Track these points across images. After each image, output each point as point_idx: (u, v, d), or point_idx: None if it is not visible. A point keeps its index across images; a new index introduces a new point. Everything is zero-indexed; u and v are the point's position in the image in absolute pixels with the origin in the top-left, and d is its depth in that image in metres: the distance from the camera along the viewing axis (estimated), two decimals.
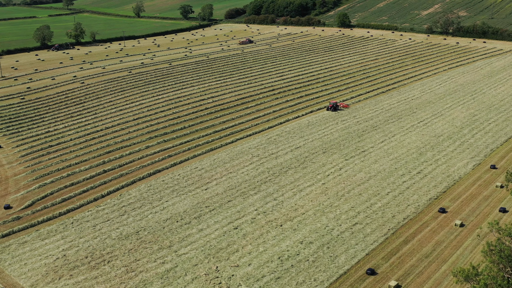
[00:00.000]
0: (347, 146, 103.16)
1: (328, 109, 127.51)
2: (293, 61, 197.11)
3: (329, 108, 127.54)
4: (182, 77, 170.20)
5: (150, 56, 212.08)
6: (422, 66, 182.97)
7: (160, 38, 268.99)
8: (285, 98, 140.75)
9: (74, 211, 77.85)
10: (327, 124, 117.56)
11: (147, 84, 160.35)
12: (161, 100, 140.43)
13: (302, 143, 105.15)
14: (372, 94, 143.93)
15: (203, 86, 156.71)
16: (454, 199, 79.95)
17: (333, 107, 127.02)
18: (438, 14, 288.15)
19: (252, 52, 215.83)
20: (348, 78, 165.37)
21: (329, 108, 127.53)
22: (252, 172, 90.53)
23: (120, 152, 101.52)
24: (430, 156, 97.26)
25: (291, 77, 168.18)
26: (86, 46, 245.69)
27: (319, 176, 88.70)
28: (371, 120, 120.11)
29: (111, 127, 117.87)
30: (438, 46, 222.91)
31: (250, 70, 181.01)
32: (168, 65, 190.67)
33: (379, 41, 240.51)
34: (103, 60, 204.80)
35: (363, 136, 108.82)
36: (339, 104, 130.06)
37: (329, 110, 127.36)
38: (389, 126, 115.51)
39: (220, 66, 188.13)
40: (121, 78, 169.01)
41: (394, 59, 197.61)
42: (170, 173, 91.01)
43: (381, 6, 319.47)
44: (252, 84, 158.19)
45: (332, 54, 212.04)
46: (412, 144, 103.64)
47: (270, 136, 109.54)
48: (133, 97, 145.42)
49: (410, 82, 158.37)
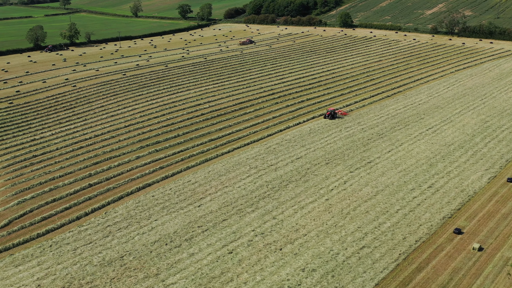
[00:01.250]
0: (352, 156, 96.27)
1: (326, 117, 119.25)
2: (294, 62, 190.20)
3: (326, 116, 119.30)
4: (178, 80, 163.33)
5: (146, 57, 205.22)
6: (428, 68, 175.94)
7: (157, 39, 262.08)
8: (286, 103, 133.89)
9: (54, 232, 71.02)
10: (330, 131, 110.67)
11: (141, 88, 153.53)
12: (155, 105, 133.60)
13: (304, 153, 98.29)
14: (377, 99, 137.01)
15: (200, 89, 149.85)
16: (470, 218, 73.07)
17: (330, 115, 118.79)
18: (442, 14, 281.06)
19: (252, 53, 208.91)
20: (351, 81, 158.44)
21: (326, 115, 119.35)
22: (250, 186, 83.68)
23: (108, 163, 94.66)
24: (441, 168, 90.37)
25: (292, 80, 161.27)
26: (81, 47, 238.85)
27: (322, 191, 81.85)
28: (377, 127, 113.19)
29: (100, 135, 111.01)
30: (444, 47, 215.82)
31: (249, 72, 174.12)
32: (164, 67, 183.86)
33: (383, 41, 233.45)
34: (97, 61, 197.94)
35: (369, 145, 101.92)
36: (338, 112, 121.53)
37: (327, 118, 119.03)
38: (396, 134, 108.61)
39: (218, 68, 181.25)
40: (114, 81, 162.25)
41: (399, 60, 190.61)
42: (161, 187, 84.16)
43: (383, 5, 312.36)
44: (251, 88, 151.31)
45: (334, 55, 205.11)
46: (421, 154, 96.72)
47: (269, 145, 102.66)
48: (126, 101, 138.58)
49: (416, 86, 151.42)
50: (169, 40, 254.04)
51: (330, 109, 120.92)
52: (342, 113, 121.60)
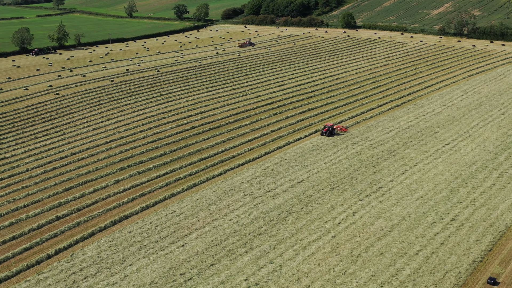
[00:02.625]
0: (361, 179, 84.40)
1: (323, 134, 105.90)
2: (294, 67, 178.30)
3: (324, 133, 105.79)
4: (170, 87, 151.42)
5: (137, 61, 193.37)
6: (438, 73, 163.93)
7: (151, 41, 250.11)
8: (285, 114, 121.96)
9: (7, 282, 59.23)
10: (335, 148, 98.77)
11: (129, 96, 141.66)
12: (142, 116, 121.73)
13: (306, 175, 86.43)
14: (386, 108, 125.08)
15: (192, 98, 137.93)
16: (505, 262, 61.27)
17: (328, 131, 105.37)
18: (449, 14, 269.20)
19: (249, 57, 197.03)
20: (356, 88, 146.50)
21: (323, 132, 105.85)
22: (243, 219, 71.84)
23: (82, 189, 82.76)
24: (464, 195, 78.51)
25: (292, 86, 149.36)
26: (70, 50, 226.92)
27: (327, 225, 70.02)
28: (387, 143, 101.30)
29: (78, 153, 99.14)
30: (453, 50, 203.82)
31: (246, 78, 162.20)
32: (156, 72, 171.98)
33: (388, 43, 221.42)
34: (85, 66, 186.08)
35: (379, 166, 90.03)
36: (336, 127, 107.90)
37: (324, 134, 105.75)
38: (409, 152, 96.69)
39: (213, 73, 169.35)
40: (100, 89, 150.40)
41: (406, 64, 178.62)
42: (140, 220, 72.32)
43: (387, 5, 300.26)
44: (248, 96, 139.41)
45: (337, 58, 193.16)
46: (439, 177, 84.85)
47: (267, 166, 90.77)
48: (111, 112, 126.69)
49: (427, 93, 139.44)
50: (163, 43, 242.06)
51: (328, 124, 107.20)
52: (341, 129, 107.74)
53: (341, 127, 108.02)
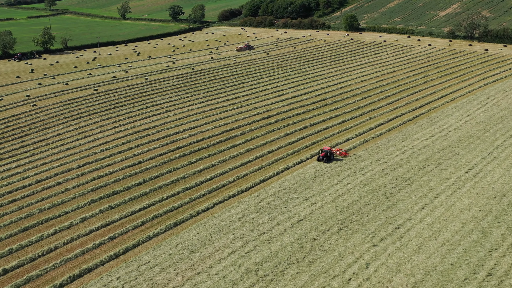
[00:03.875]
0: (373, 216, 71.10)
1: (320, 160, 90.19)
2: (294, 73, 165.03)
3: (320, 158, 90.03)
4: (158, 97, 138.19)
5: (125, 67, 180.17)
6: (451, 82, 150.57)
7: (143, 44, 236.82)
8: (284, 130, 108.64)
9: None
10: (341, 175, 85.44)
11: (112, 108, 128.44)
12: (124, 133, 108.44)
13: (308, 210, 73.12)
14: (396, 123, 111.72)
15: (181, 111, 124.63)
16: None
17: (326, 157, 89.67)
18: (457, 15, 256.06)
19: (246, 62, 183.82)
20: (363, 99, 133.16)
21: (320, 158, 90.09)
22: (232, 274, 58.54)
23: (41, 229, 69.35)
24: (498, 238, 65.22)
25: (292, 97, 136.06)
26: (56, 54, 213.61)
27: (335, 282, 56.69)
28: (401, 168, 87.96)
29: (44, 180, 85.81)
30: (465, 54, 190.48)
31: (242, 87, 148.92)
32: (144, 80, 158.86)
33: (394, 47, 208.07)
34: (69, 73, 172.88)
35: (394, 198, 76.73)
36: (335, 151, 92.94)
37: (321, 160, 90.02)
38: (427, 179, 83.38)
39: (206, 81, 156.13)
40: (82, 99, 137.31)
41: (415, 71, 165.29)
42: (105, 274, 58.98)
43: (392, 6, 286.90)
44: (243, 108, 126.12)
45: (340, 64, 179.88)
46: (466, 214, 71.55)
47: (262, 198, 77.46)
48: (90, 127, 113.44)
49: (441, 105, 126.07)
50: (155, 46, 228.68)
51: (324, 148, 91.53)
52: (341, 153, 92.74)
53: (340, 151, 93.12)
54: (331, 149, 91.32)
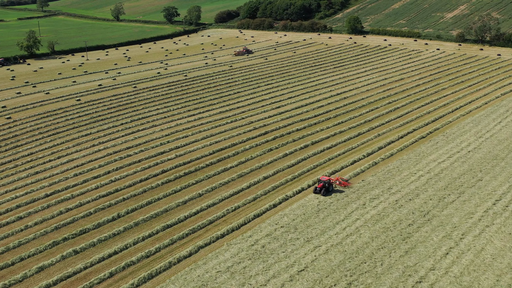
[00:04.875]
0: (388, 265, 59.07)
1: (316, 192, 76.43)
2: (294, 81, 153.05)
3: (317, 190, 76.30)
4: (145, 109, 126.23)
5: (113, 74, 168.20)
6: (465, 91, 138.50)
7: (135, 48, 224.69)
8: (283, 150, 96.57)
9: None
10: (349, 207, 73.43)
11: (93, 122, 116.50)
12: (102, 154, 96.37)
13: (310, 256, 61.06)
14: (408, 141, 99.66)
15: (169, 125, 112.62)
16: None
17: (324, 188, 76.24)
18: (465, 17, 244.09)
19: (243, 69, 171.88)
20: (369, 112, 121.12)
21: (317, 189, 76.31)
22: None
23: None
24: None
25: (292, 109, 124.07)
26: (42, 59, 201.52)
27: None
28: (417, 198, 75.97)
29: (2, 214, 73.78)
30: (476, 60, 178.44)
31: (237, 97, 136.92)
32: (132, 88, 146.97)
33: (401, 52, 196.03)
34: (52, 80, 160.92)
35: (412, 239, 64.72)
36: (335, 180, 79.26)
37: (318, 193, 76.38)
38: (448, 213, 71.40)
39: (198, 90, 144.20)
40: (62, 111, 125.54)
41: (425, 79, 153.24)
42: None
43: (396, 7, 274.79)
44: (238, 122, 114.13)
45: (344, 71, 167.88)
46: (500, 262, 59.53)
47: (256, 239, 65.40)
48: (66, 145, 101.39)
49: (456, 119, 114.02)
50: (148, 51, 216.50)
51: (322, 178, 77.04)
52: (341, 183, 79.39)
53: (340, 180, 79.80)
54: (330, 179, 77.76)
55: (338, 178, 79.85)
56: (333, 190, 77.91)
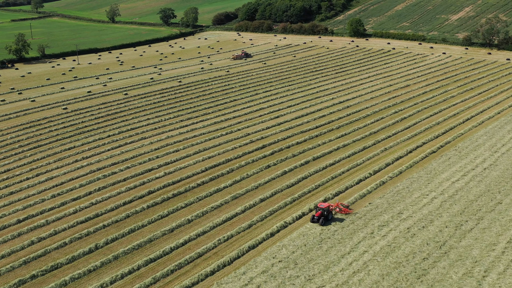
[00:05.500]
0: None
1: (314, 221, 67.77)
2: (294, 88, 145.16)
3: (315, 219, 67.66)
4: (135, 119, 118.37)
5: (104, 80, 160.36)
6: (475, 99, 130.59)
7: (128, 52, 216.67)
8: (282, 166, 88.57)
9: None
10: (355, 237, 65.45)
11: (78, 134, 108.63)
12: (85, 171, 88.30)
13: None
14: (418, 157, 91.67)
15: (159, 138, 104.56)
16: None
17: (322, 217, 67.50)
18: (471, 19, 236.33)
19: (240, 74, 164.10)
20: (374, 122, 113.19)
21: (315, 218, 67.69)
22: None
23: None
24: None
25: (291, 119, 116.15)
26: (31, 63, 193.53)
27: None
28: (432, 226, 68.02)
29: None
30: (485, 65, 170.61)
31: (233, 105, 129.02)
32: (123, 96, 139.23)
33: (405, 56, 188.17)
34: (40, 86, 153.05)
35: (428, 276, 56.74)
36: (334, 207, 70.21)
37: (316, 222, 67.69)
38: (467, 244, 63.46)
39: (193, 98, 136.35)
40: (46, 121, 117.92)
41: (432, 85, 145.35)
42: None
43: (399, 9, 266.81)
44: (233, 135, 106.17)
45: (346, 76, 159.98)
46: None
47: (251, 277, 57.25)
48: (46, 161, 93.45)
49: (468, 130, 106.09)
50: (142, 54, 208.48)
51: (321, 205, 67.98)
52: (342, 210, 70.87)
53: (340, 206, 71.28)
54: (329, 206, 69.06)
55: (338, 204, 71.51)
56: (332, 218, 69.60)
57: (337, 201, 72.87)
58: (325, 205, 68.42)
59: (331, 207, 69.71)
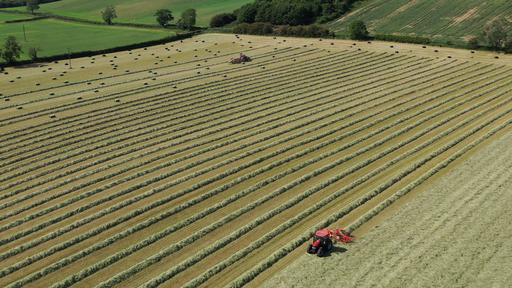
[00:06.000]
0: None
1: (311, 251, 60.73)
2: (294, 94, 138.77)
3: (312, 250, 60.65)
4: (125, 128, 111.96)
5: (96, 85, 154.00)
6: (484, 107, 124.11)
7: (123, 55, 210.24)
8: (281, 183, 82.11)
9: None
10: (361, 267, 58.97)
11: (64, 145, 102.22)
12: (69, 187, 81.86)
13: None
14: (427, 172, 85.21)
15: (150, 150, 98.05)
16: None
17: (321, 246, 60.42)
18: (475, 21, 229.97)
19: (238, 79, 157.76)
20: (379, 133, 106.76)
21: (312, 249, 60.60)
22: None
23: None
24: None
25: (291, 129, 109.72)
26: (22, 67, 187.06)
27: None
28: (445, 254, 61.58)
29: None
30: (492, 70, 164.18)
31: (229, 113, 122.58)
32: (115, 102, 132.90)
33: (409, 60, 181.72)
34: (28, 92, 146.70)
35: None
36: (334, 234, 63.21)
37: (314, 252, 60.66)
38: (486, 276, 57.02)
39: (187, 105, 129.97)
40: (32, 130, 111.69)
41: (438, 91, 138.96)
42: None
43: (402, 10, 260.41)
44: (229, 147, 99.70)
45: (348, 81, 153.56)
46: None
47: None
48: (27, 176, 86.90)
49: (479, 142, 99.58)
50: (137, 58, 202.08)
51: (320, 233, 60.79)
52: (343, 239, 63.66)
53: (341, 233, 64.24)
54: (329, 234, 61.81)
55: (338, 231, 64.61)
56: (332, 247, 62.63)
57: (337, 227, 66.06)
58: (324, 233, 61.23)
59: (331, 235, 62.93)
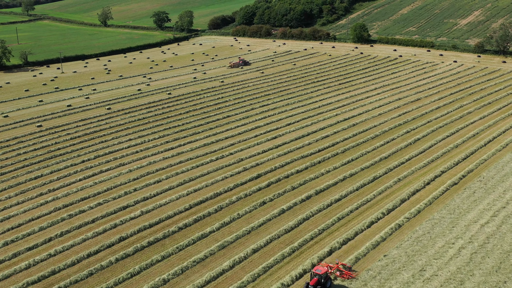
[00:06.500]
0: None
1: None
2: (294, 101, 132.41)
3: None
4: (114, 139, 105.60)
5: (88, 91, 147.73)
6: (494, 116, 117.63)
7: (118, 59, 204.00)
8: (279, 203, 75.68)
9: None
10: None
11: (48, 158, 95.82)
12: (49, 208, 75.47)
13: None
14: (438, 191, 78.76)
15: (140, 164, 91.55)
16: None
17: (319, 285, 53.23)
18: (481, 24, 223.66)
19: (236, 85, 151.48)
20: (384, 145, 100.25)
21: (308, 286, 53.03)
22: None
23: None
24: None
25: (291, 140, 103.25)
26: (12, 72, 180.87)
27: None
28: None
29: None
30: (500, 75, 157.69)
31: (226, 122, 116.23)
32: (106, 110, 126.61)
33: (414, 65, 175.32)
34: (16, 99, 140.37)
35: None
36: (334, 269, 56.70)
37: None
38: None
39: (182, 113, 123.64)
40: (16, 142, 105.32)
41: (445, 99, 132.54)
42: None
43: (405, 12, 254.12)
44: (224, 160, 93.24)
45: (351, 88, 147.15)
46: None
47: None
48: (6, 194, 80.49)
49: (492, 155, 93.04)
50: (132, 61, 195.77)
51: (318, 269, 54.04)
52: (343, 274, 56.67)
53: (341, 268, 57.56)
54: (328, 271, 54.72)
55: (338, 266, 57.94)
56: (331, 285, 55.54)
57: (337, 261, 59.26)
58: (322, 270, 54.08)
59: (330, 270, 56.25)
